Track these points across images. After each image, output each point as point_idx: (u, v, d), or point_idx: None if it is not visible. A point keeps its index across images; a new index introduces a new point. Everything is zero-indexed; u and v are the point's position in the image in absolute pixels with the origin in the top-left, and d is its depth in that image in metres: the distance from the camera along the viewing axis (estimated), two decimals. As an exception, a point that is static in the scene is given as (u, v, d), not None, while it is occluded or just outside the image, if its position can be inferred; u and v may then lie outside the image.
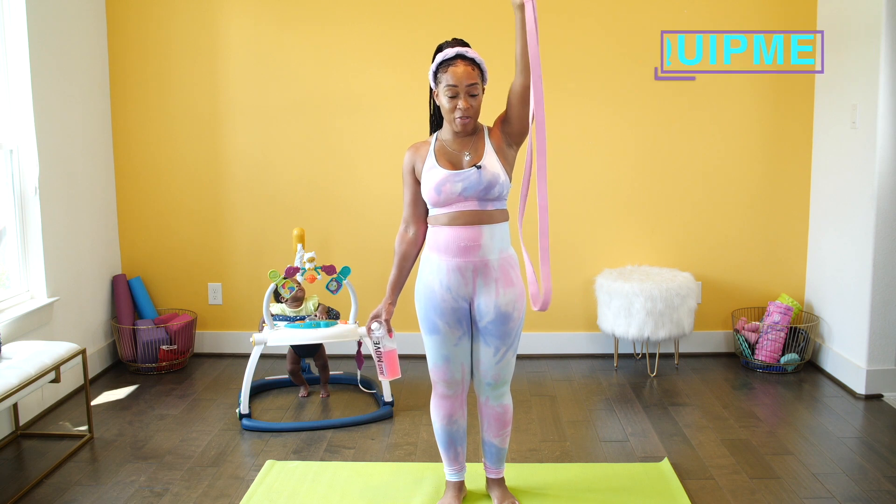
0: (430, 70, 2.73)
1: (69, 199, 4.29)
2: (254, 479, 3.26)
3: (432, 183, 2.72)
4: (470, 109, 2.69)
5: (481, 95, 2.72)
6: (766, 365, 4.55)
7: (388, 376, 2.95)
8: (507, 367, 2.85)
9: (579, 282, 4.82)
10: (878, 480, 3.21)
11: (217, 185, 4.82)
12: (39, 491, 3.17)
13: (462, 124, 2.70)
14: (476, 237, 2.71)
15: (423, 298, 2.81)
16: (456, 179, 2.70)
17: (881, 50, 3.92)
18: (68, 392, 4.20)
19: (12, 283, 3.99)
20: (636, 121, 4.71)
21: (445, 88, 2.67)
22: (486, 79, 2.74)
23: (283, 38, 4.69)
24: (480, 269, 2.73)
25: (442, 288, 2.75)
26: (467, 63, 2.67)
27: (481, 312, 2.76)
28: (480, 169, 2.70)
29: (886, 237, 4.05)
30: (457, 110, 2.68)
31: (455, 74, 2.65)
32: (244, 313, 4.88)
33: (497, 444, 2.96)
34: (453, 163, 2.74)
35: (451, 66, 2.66)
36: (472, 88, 2.67)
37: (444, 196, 2.70)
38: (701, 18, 4.61)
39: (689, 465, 3.36)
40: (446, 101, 2.69)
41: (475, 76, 2.68)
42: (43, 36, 4.02)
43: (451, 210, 2.72)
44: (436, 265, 2.76)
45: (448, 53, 2.68)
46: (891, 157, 3.99)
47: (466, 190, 2.69)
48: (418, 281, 2.83)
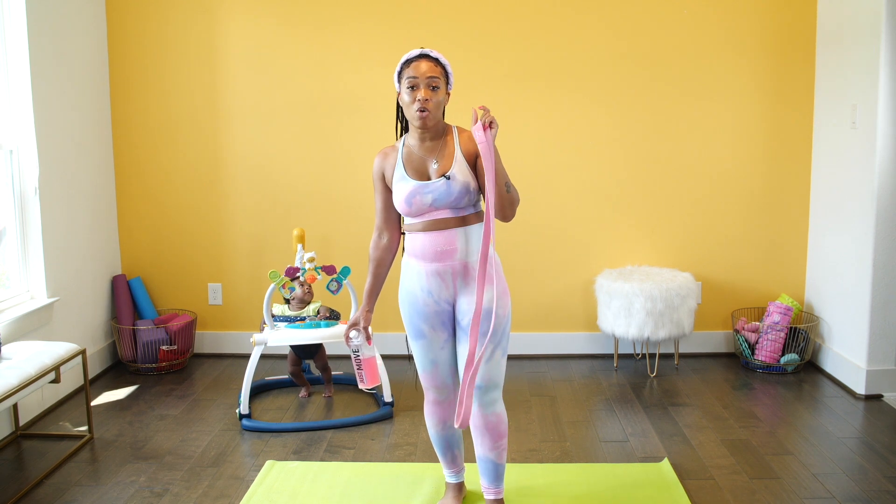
0: (395, 72, 2.71)
1: (69, 200, 4.30)
2: (254, 479, 3.26)
3: (402, 195, 2.69)
4: (429, 102, 2.62)
5: (444, 93, 2.68)
6: (766, 365, 4.56)
7: (368, 384, 2.91)
8: (496, 367, 2.73)
9: (579, 282, 4.83)
10: (878, 480, 3.22)
11: (217, 186, 4.83)
12: (39, 491, 3.18)
13: (420, 118, 2.63)
14: (451, 241, 2.67)
15: (406, 304, 2.78)
16: (425, 191, 2.66)
17: (881, 50, 3.92)
18: (68, 392, 4.21)
19: (12, 284, 3.99)
20: (637, 121, 4.72)
21: (406, 81, 2.64)
22: (450, 82, 2.72)
23: (283, 40, 4.70)
24: (460, 271, 2.70)
25: (423, 293, 2.73)
26: (430, 61, 2.65)
27: (463, 312, 2.71)
28: (450, 179, 2.65)
29: (886, 237, 4.05)
30: (416, 102, 2.62)
31: (416, 68, 2.63)
32: (244, 314, 4.89)
33: (493, 460, 2.82)
34: (421, 172, 2.70)
35: (414, 62, 2.65)
36: (433, 81, 2.63)
37: (415, 207, 2.68)
38: (700, 19, 4.62)
39: (689, 466, 3.37)
40: (406, 95, 2.64)
41: (437, 72, 2.64)
42: (43, 37, 4.03)
43: (424, 219, 2.69)
44: (415, 270, 2.74)
45: (411, 53, 2.68)
46: (890, 157, 4.00)
47: (437, 201, 2.66)
48: (401, 287, 2.80)
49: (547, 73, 4.70)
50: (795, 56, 4.64)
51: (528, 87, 4.67)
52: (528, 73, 4.67)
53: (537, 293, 4.81)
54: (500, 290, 2.70)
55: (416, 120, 2.65)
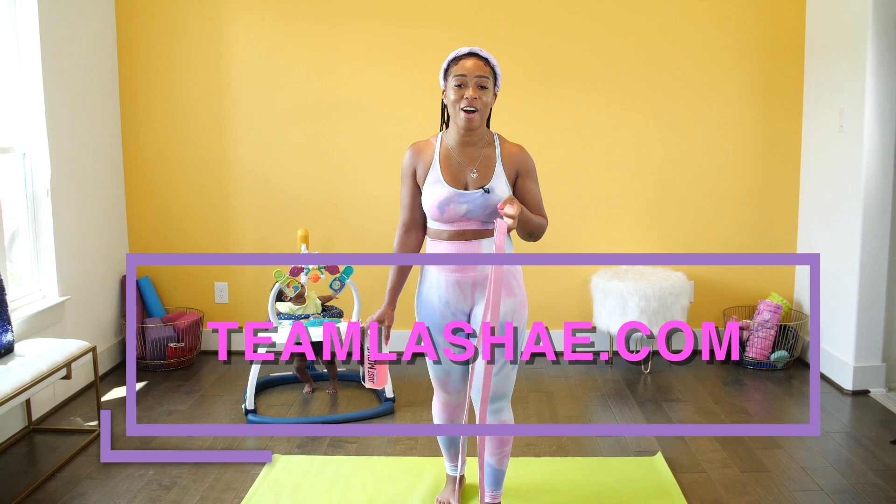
0: (441, 69, 2.58)
1: (80, 201, 4.35)
2: (259, 472, 3.30)
3: (435, 200, 2.57)
4: (477, 101, 2.48)
5: (492, 95, 2.55)
6: (757, 362, 4.62)
7: (378, 384, 2.73)
8: (505, 380, 2.66)
9: (575, 281, 4.90)
10: (864, 473, 3.27)
11: (223, 187, 4.88)
12: (51, 484, 3.22)
13: (467, 118, 2.50)
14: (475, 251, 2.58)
15: (422, 314, 2.72)
16: (461, 201, 2.54)
17: (867, 56, 3.99)
18: (79, 388, 4.26)
19: (25, 283, 4.03)
20: (631, 125, 4.78)
21: (454, 79, 2.50)
22: (498, 83, 2.58)
23: (288, 43, 4.75)
24: (480, 281, 2.62)
25: (441, 303, 2.67)
26: (479, 59, 2.52)
27: (478, 322, 2.61)
28: (488, 193, 2.54)
29: (873, 237, 4.11)
30: (463, 100, 2.49)
31: (465, 66, 2.50)
32: (250, 312, 4.94)
33: (494, 465, 2.75)
34: (458, 178, 2.57)
35: (462, 60, 2.52)
36: (482, 80, 2.49)
37: (447, 215, 2.56)
38: (693, 26, 4.69)
39: (682, 459, 3.41)
40: (453, 93, 2.50)
41: (486, 71, 2.51)
42: (54, 43, 4.07)
43: (452, 228, 2.59)
44: (435, 280, 2.66)
45: (460, 50, 2.55)
46: (876, 160, 4.07)
47: (471, 212, 2.55)
48: (418, 295, 2.74)
49: (543, 76, 4.74)
50: (785, 62, 4.71)
51: (526, 87, 4.71)
52: (527, 74, 4.71)
53: (535, 292, 4.80)
54: (518, 303, 2.64)
55: (462, 120, 2.51)
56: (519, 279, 2.68)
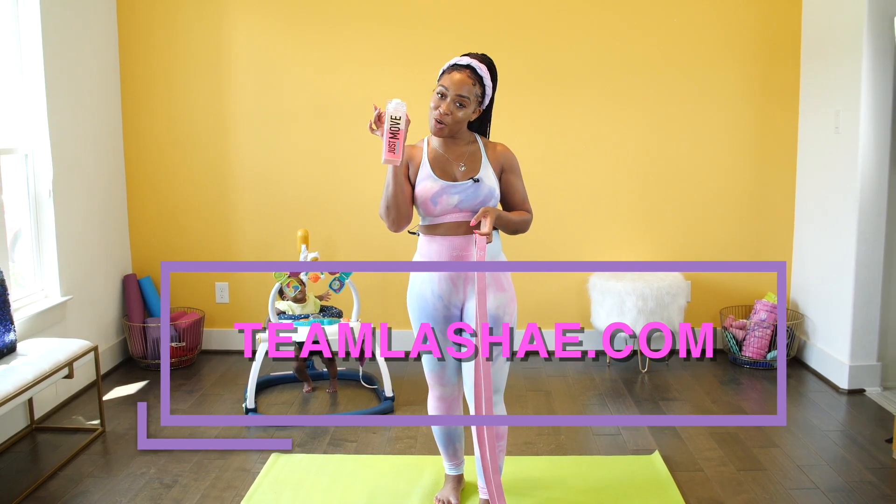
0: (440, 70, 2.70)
1: (82, 202, 4.36)
2: (260, 471, 3.31)
3: (428, 194, 2.67)
4: (448, 117, 2.62)
5: (472, 110, 2.67)
6: (753, 361, 4.64)
7: (398, 154, 2.52)
8: (499, 373, 2.74)
9: (573, 281, 4.92)
10: (860, 472, 3.29)
11: (224, 187, 4.90)
12: (53, 482, 3.24)
13: (436, 128, 2.64)
14: (468, 246, 2.68)
15: (415, 308, 2.79)
16: (452, 192, 2.66)
17: (863, 58, 4.01)
18: (81, 387, 4.27)
19: (27, 283, 4.05)
20: (629, 126, 4.80)
21: (439, 87, 2.64)
22: (487, 95, 2.70)
23: (289, 45, 4.77)
24: (472, 275, 2.69)
25: (434, 297, 2.73)
26: (469, 75, 2.63)
27: (471, 317, 2.70)
28: (478, 182, 2.67)
29: (868, 237, 4.14)
30: (436, 111, 2.63)
31: (452, 79, 2.62)
32: (250, 312, 4.96)
33: None
34: (448, 172, 2.69)
35: (453, 72, 2.64)
36: (462, 99, 2.62)
37: (440, 207, 2.67)
38: (689, 28, 4.72)
39: (679, 458, 3.43)
40: (433, 101, 2.65)
41: (470, 89, 2.62)
42: (56, 44, 4.09)
43: (444, 220, 2.69)
44: (427, 274, 2.74)
45: (457, 60, 2.66)
46: (872, 160, 4.09)
47: (462, 203, 2.66)
48: (410, 289, 2.81)
49: (541, 77, 4.76)
50: (782, 64, 4.73)
51: (524, 88, 4.74)
52: (524, 75, 4.73)
53: (533, 291, 4.87)
54: (507, 298, 2.74)
55: (432, 126, 2.67)
56: (508, 275, 2.78)
